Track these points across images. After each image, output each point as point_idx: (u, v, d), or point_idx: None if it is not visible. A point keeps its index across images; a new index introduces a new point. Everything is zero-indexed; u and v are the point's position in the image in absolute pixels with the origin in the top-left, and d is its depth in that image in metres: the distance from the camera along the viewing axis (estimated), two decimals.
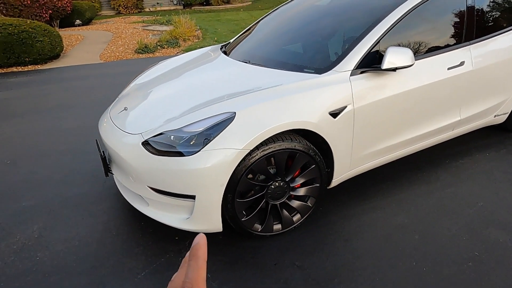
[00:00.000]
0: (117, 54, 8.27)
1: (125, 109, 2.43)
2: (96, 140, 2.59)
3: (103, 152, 2.43)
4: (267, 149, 1.98)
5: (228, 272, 2.03)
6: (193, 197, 1.95)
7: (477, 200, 2.56)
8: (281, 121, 1.96)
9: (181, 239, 2.28)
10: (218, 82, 2.39)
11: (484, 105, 3.02)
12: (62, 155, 3.43)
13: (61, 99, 5.17)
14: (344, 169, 2.39)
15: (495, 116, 3.24)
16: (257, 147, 1.96)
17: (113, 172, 2.42)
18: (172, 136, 2.01)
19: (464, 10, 2.75)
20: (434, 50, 2.59)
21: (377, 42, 2.32)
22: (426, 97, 2.53)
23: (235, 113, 1.94)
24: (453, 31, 2.71)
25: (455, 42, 2.70)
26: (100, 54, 8.31)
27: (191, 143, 1.95)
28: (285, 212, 2.22)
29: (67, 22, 12.00)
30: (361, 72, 2.27)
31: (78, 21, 12.32)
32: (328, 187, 2.44)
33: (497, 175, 2.85)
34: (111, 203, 2.68)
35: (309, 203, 2.27)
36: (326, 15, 2.78)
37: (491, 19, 2.98)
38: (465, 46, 2.73)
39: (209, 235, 2.29)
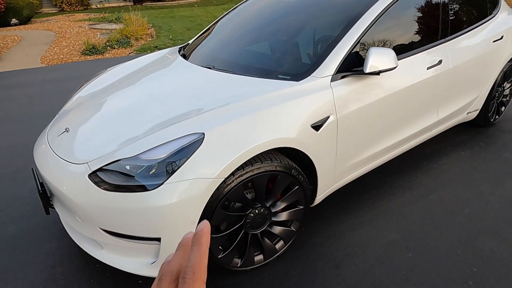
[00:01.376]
0: (61, 56, 7.50)
1: (66, 130, 2.00)
2: (33, 169, 2.13)
3: (41, 183, 1.99)
4: (244, 173, 1.68)
5: None
6: (158, 239, 1.60)
7: (463, 206, 2.44)
8: (259, 141, 1.66)
9: (146, 283, 1.92)
10: (179, 95, 2.03)
11: (459, 103, 2.93)
12: None
13: None
14: (328, 185, 2.15)
15: (467, 113, 3.17)
16: (232, 173, 1.64)
17: (55, 209, 1.99)
18: (126, 166, 1.63)
19: (439, 6, 2.61)
20: (412, 49, 2.42)
21: (357, 43, 2.08)
22: (408, 99, 2.36)
23: (203, 134, 1.61)
24: (430, 28, 2.56)
25: (432, 39, 2.55)
26: (41, 57, 7.48)
27: (151, 172, 1.59)
28: (267, 241, 1.93)
29: (1, 21, 10.79)
30: (342, 77, 2.03)
31: (14, 20, 11.13)
32: (311, 206, 2.19)
33: (476, 176, 2.77)
34: (58, 242, 2.24)
35: (292, 228, 2.01)
36: (297, 12, 2.50)
37: (464, 14, 2.88)
38: (442, 43, 2.59)
39: None
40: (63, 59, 7.29)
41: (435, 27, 2.58)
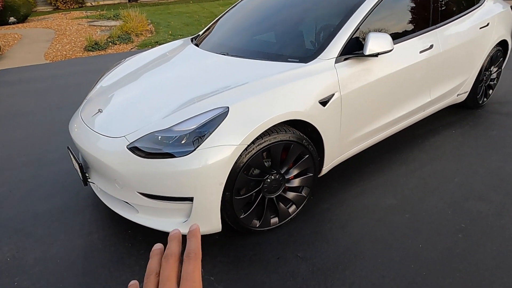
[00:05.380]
0: (64, 53, 7.66)
1: (100, 111, 2.23)
2: (68, 147, 2.36)
3: (77, 159, 2.22)
4: (263, 142, 1.93)
5: (232, 272, 1.96)
6: (190, 199, 1.84)
7: (453, 176, 2.71)
8: (276, 113, 1.91)
9: None
10: (200, 77, 2.27)
11: (449, 85, 3.20)
12: (23, 168, 3.10)
13: (8, 106, 4.68)
14: (333, 156, 2.41)
15: (457, 95, 3.45)
16: (253, 142, 1.89)
17: (92, 181, 2.22)
18: (159, 137, 1.88)
19: None
20: (406, 34, 2.68)
21: (357, 29, 2.34)
22: (404, 80, 2.62)
23: (228, 108, 1.86)
24: (422, 16, 2.82)
25: (424, 26, 2.81)
26: (44, 54, 7.64)
27: (182, 142, 1.83)
28: (281, 205, 2.19)
29: None
30: (345, 59, 2.28)
31: (12, 19, 11.23)
32: (318, 176, 2.45)
33: (466, 150, 3.05)
34: (90, 214, 2.47)
35: (303, 193, 2.26)
36: (300, 3, 2.75)
37: (452, 3, 3.14)
38: (433, 30, 2.85)
39: (205, 237, 2.20)
40: (66, 56, 7.46)
41: (426, 15, 2.84)
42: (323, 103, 2.14)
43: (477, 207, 2.38)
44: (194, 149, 1.79)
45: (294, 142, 2.04)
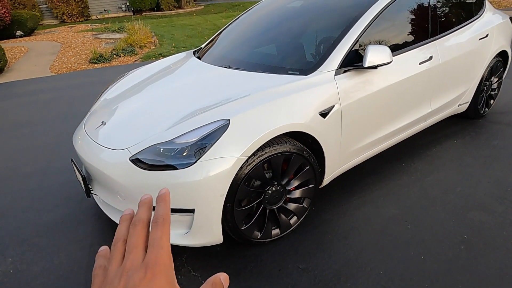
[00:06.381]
0: (69, 65, 7.78)
1: (103, 123, 2.27)
2: (72, 159, 2.39)
3: (81, 171, 2.25)
4: (263, 154, 1.95)
5: (233, 284, 1.96)
6: (192, 210, 1.86)
7: (455, 186, 2.71)
8: (277, 125, 1.93)
9: (178, 254, 2.18)
10: (202, 89, 2.31)
11: (450, 96, 3.21)
12: (27, 178, 3.14)
13: (15, 116, 4.75)
14: (334, 167, 2.42)
15: (458, 105, 3.46)
16: (253, 153, 1.91)
17: (95, 192, 2.24)
18: (161, 149, 1.90)
19: (428, 8, 2.91)
20: (405, 46, 2.71)
21: (356, 41, 2.37)
22: (403, 92, 2.64)
23: (229, 120, 1.88)
24: (421, 27, 2.86)
25: (423, 38, 2.84)
26: (50, 66, 7.77)
27: (184, 154, 1.86)
28: (283, 216, 2.19)
29: (6, 33, 11.11)
30: (344, 71, 2.31)
31: (19, 32, 11.45)
32: (320, 187, 2.45)
33: (467, 161, 3.05)
34: (93, 225, 2.49)
35: (304, 204, 2.27)
36: (300, 17, 2.80)
37: (451, 15, 3.18)
38: (432, 41, 2.88)
39: (206, 248, 2.21)
40: (71, 68, 7.58)
41: (425, 27, 2.88)
42: (323, 114, 2.16)
43: (479, 217, 2.37)
44: (196, 161, 1.81)
45: (294, 153, 2.06)
